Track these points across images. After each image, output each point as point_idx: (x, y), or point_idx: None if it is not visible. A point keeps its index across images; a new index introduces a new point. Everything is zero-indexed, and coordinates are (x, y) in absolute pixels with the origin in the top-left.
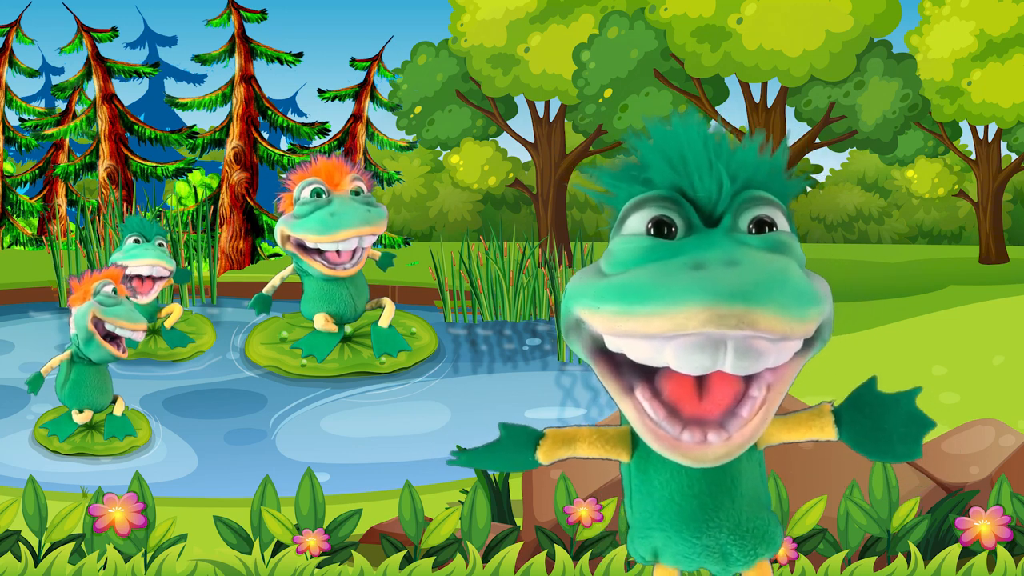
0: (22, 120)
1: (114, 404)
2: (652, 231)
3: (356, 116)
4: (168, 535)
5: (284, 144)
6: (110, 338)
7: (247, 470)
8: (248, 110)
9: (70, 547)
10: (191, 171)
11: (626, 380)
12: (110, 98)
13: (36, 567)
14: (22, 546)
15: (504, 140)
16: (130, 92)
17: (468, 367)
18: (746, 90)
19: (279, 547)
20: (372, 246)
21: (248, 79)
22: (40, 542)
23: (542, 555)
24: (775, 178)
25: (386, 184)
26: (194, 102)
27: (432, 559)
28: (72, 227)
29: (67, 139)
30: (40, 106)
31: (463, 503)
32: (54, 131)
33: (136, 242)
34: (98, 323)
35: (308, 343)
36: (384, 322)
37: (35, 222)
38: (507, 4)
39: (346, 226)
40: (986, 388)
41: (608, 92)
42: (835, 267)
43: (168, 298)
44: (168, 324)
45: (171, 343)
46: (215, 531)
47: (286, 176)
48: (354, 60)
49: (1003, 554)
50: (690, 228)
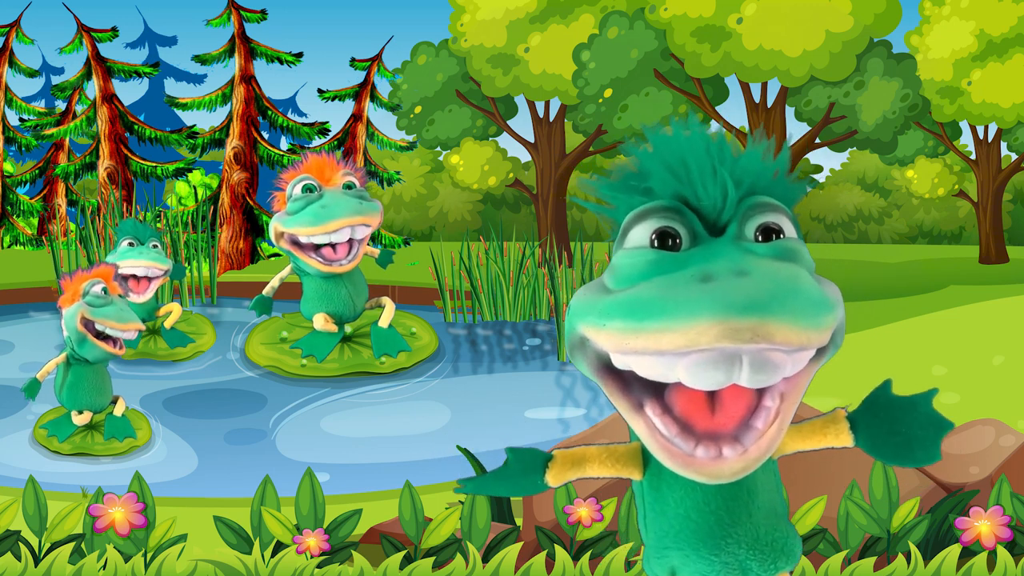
0: (22, 120)
1: (114, 404)
2: (656, 243)
3: (356, 116)
4: (168, 535)
5: (284, 144)
6: (103, 336)
7: (247, 470)
8: (248, 110)
9: (70, 547)
10: (191, 171)
11: (635, 397)
12: (110, 98)
13: (36, 567)
14: (22, 546)
15: (504, 140)
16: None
17: (468, 367)
18: (746, 90)
19: (279, 547)
20: (372, 246)
21: (248, 79)
22: (40, 542)
23: (542, 555)
24: (779, 182)
25: (386, 184)
26: (194, 102)
27: (432, 559)
28: (72, 227)
29: (67, 139)
30: (40, 106)
31: (463, 503)
32: (54, 131)
33: (130, 245)
34: (88, 323)
35: (308, 343)
36: (384, 322)
37: (35, 222)
38: (507, 4)
39: (337, 216)
40: (986, 388)
41: (608, 92)
42: (835, 267)
43: (168, 297)
44: (168, 324)
45: (171, 343)
46: (215, 531)
47: (279, 176)
48: (354, 60)
49: (1003, 554)
50: (695, 238)
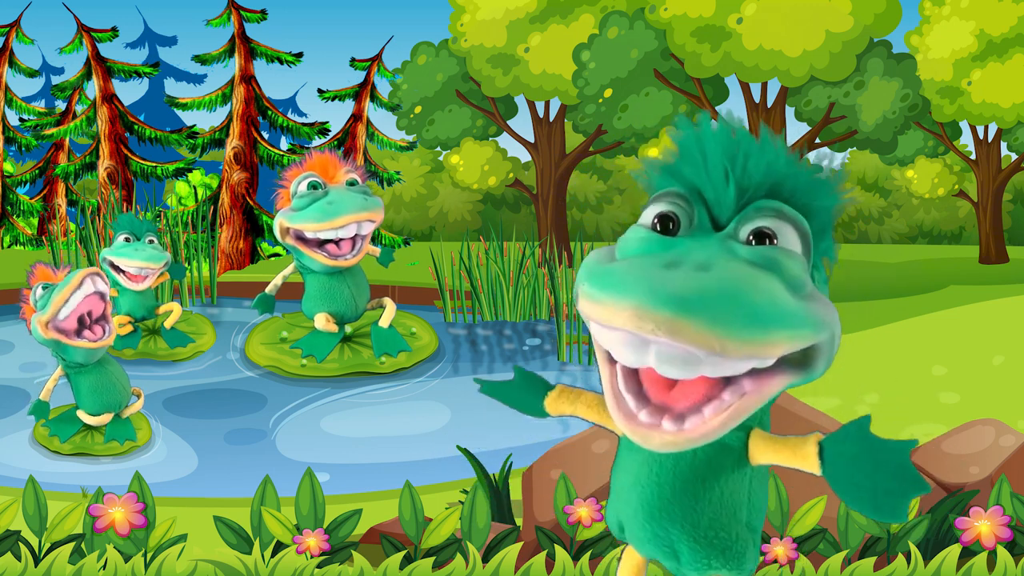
0: (22, 120)
1: (139, 398)
2: (657, 225)
3: (356, 116)
4: (168, 535)
5: (284, 144)
6: (79, 331)
7: (247, 470)
8: (248, 110)
9: (70, 547)
10: (191, 171)
11: None
12: (110, 98)
13: (36, 567)
14: (22, 546)
15: (504, 140)
16: (130, 92)
17: (468, 367)
18: (746, 90)
19: (279, 547)
20: (373, 245)
21: (248, 79)
22: (40, 542)
23: (542, 555)
24: (813, 192)
25: (386, 184)
26: (194, 102)
27: (432, 559)
28: (72, 227)
29: (67, 139)
30: (40, 106)
31: (463, 503)
32: (54, 131)
33: (127, 240)
34: (57, 325)
35: (308, 343)
36: (384, 322)
37: (35, 222)
38: (507, 4)
39: (344, 212)
40: (986, 388)
41: (608, 92)
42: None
43: (168, 297)
44: (168, 324)
45: (171, 343)
46: (215, 531)
47: (282, 174)
48: (354, 60)
49: (1003, 554)
50: (694, 227)
